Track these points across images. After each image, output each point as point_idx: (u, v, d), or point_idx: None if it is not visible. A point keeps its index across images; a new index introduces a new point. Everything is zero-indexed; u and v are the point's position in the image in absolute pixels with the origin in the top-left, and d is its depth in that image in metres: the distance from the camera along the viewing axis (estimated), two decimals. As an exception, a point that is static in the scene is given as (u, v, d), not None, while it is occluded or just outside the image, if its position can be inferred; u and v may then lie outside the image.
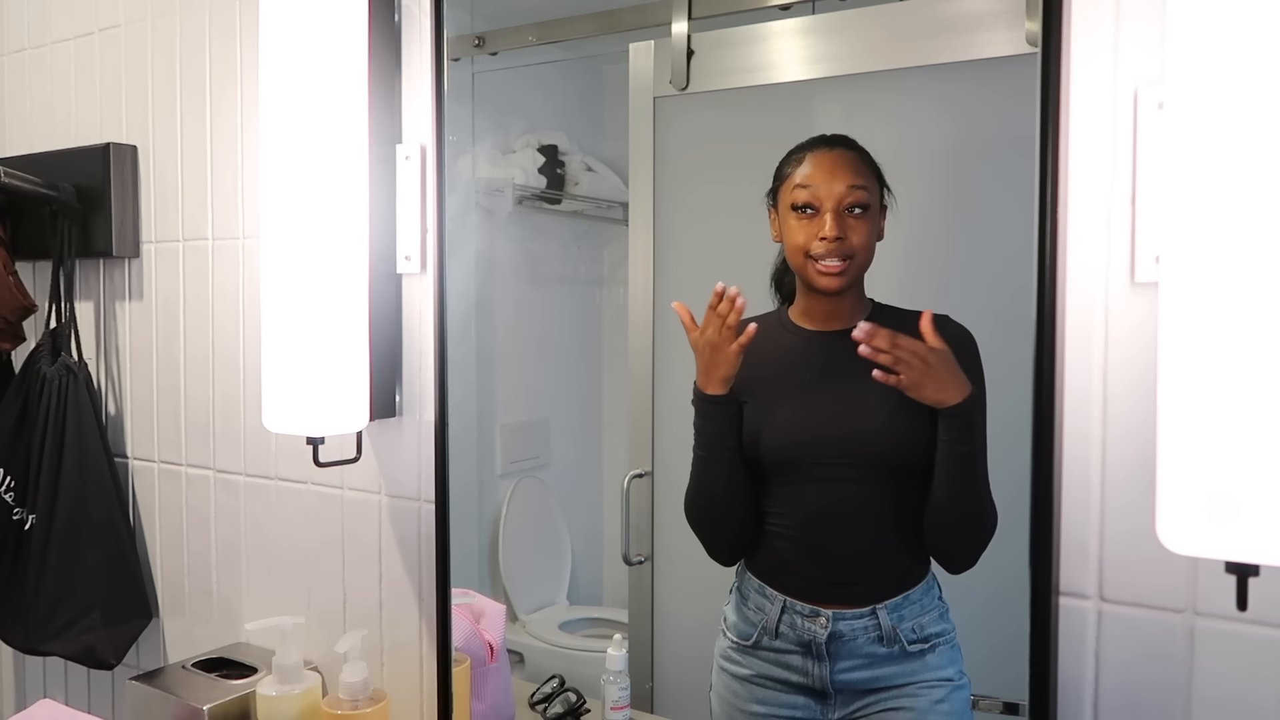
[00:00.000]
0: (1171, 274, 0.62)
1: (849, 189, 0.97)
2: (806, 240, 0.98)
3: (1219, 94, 0.60)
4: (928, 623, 0.97)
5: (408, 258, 1.19)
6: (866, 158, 0.98)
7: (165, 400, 1.49)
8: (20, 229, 1.56)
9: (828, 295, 0.99)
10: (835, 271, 0.97)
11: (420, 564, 1.23)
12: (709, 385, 1.01)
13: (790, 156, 1.01)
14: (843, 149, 0.99)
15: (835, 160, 0.98)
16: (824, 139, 1.00)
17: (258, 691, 1.20)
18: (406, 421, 1.23)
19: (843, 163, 0.98)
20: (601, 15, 1.20)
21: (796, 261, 0.99)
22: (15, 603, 1.47)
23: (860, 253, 0.97)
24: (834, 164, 0.98)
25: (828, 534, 1.00)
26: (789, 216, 0.99)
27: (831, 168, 0.98)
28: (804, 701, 1.01)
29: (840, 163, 0.98)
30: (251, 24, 1.34)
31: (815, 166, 0.98)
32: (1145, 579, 0.82)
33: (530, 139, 1.35)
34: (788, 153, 1.01)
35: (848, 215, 0.97)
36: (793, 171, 1.00)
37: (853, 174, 0.97)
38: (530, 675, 1.27)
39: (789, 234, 1.00)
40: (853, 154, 0.98)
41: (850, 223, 0.97)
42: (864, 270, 0.99)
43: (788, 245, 1.00)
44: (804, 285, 1.01)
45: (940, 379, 0.91)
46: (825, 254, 0.97)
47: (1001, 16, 0.92)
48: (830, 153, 0.99)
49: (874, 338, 0.90)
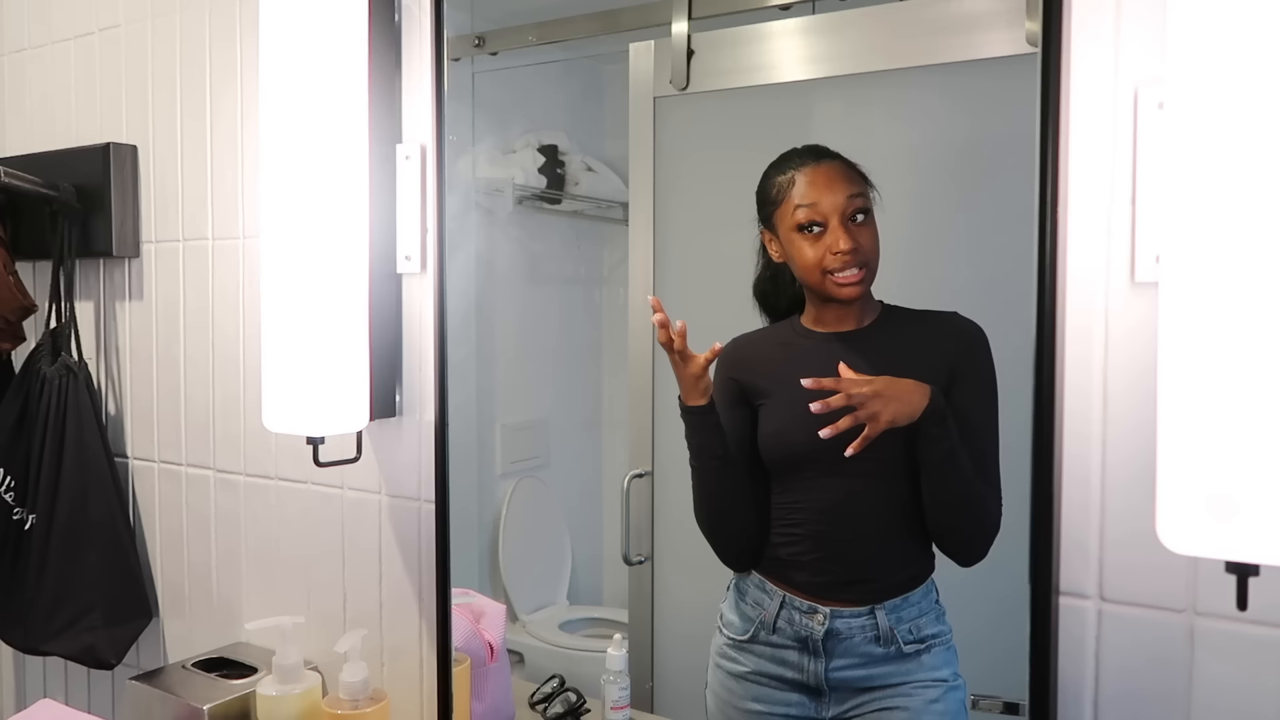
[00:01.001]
0: (1172, 274, 0.62)
1: (849, 198, 0.97)
2: (819, 256, 0.98)
3: (1219, 94, 0.60)
4: (925, 624, 0.97)
5: (408, 257, 1.19)
6: (850, 163, 0.99)
7: (165, 400, 1.49)
8: (20, 229, 1.56)
9: (846, 303, 1.00)
10: (855, 281, 0.98)
11: (420, 564, 1.23)
12: (688, 397, 1.03)
13: (773, 179, 1.01)
14: (830, 160, 0.99)
15: (829, 173, 0.99)
16: (806, 152, 1.00)
17: (258, 691, 1.20)
18: (406, 421, 1.23)
19: (835, 174, 0.99)
20: (601, 15, 1.20)
21: (813, 279, 1.00)
22: (15, 602, 1.47)
23: (873, 258, 0.98)
24: (829, 177, 0.99)
25: (843, 530, 1.00)
26: (795, 237, 1.00)
27: (828, 181, 0.99)
28: (799, 699, 1.01)
29: (834, 174, 0.99)
30: (251, 24, 1.34)
31: (811, 183, 0.99)
32: (1145, 579, 0.82)
33: (530, 139, 1.35)
34: (767, 174, 1.02)
35: (853, 224, 0.97)
36: (788, 193, 1.00)
37: (848, 182, 0.98)
38: (530, 675, 1.27)
39: (799, 254, 1.00)
40: (839, 163, 0.99)
41: (858, 230, 0.97)
42: (875, 273, 1.00)
43: (799, 265, 1.00)
44: (816, 296, 1.01)
45: (896, 403, 0.93)
46: (843, 266, 0.97)
47: (1001, 16, 0.92)
48: (820, 166, 0.99)
49: (823, 387, 0.94)
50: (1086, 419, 0.83)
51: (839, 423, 0.93)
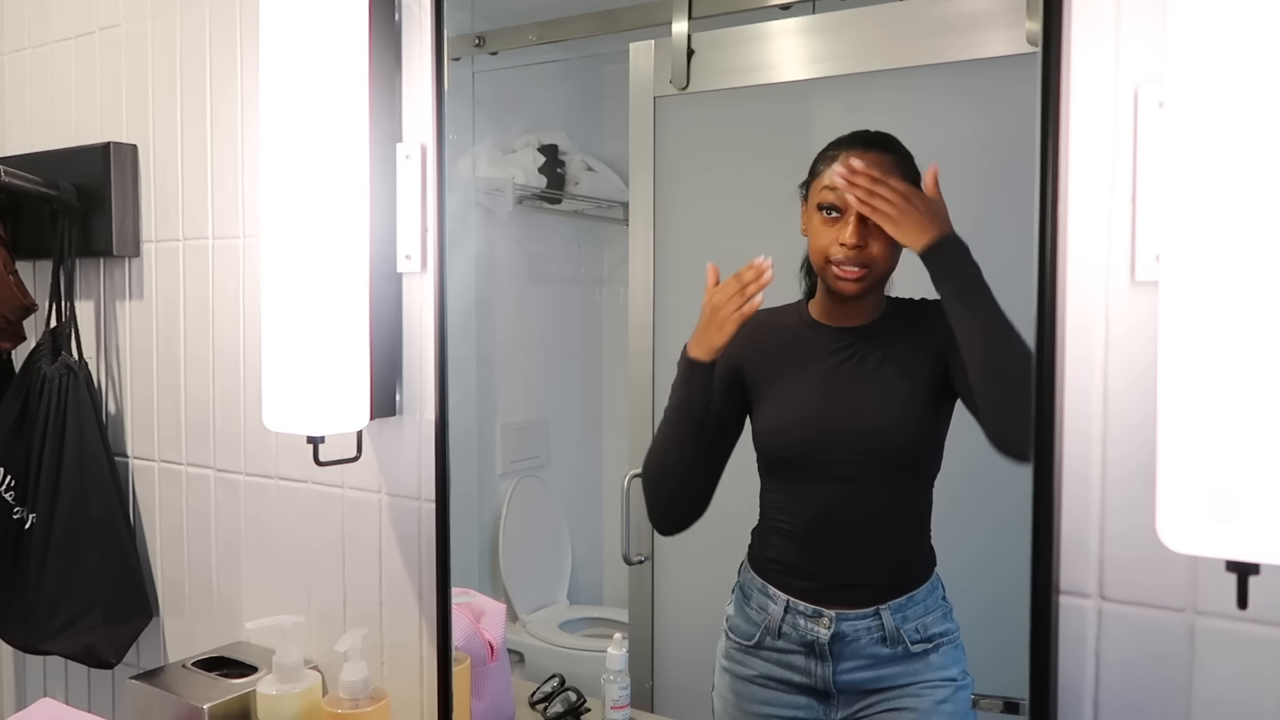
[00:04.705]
0: (1172, 272, 0.62)
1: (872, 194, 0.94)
2: (828, 244, 0.97)
3: (1219, 93, 0.60)
4: (931, 623, 0.97)
5: (408, 257, 1.19)
6: (905, 162, 0.95)
7: (165, 399, 1.49)
8: (20, 228, 1.56)
9: (845, 299, 0.99)
10: (852, 278, 0.96)
11: (420, 563, 1.23)
12: (696, 348, 1.01)
13: (826, 152, 0.98)
14: (879, 151, 0.95)
15: (867, 164, 0.94)
16: (863, 137, 0.97)
17: (258, 690, 1.20)
18: (407, 421, 1.23)
19: (874, 167, 0.94)
20: (601, 15, 1.20)
21: (817, 262, 0.99)
22: (15, 602, 1.47)
23: (879, 263, 0.95)
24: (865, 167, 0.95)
25: (836, 533, 1.00)
26: (815, 216, 0.98)
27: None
28: (806, 702, 1.01)
29: (871, 166, 0.94)
30: (251, 24, 1.34)
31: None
32: (1146, 578, 0.82)
33: (530, 138, 1.35)
34: (826, 145, 0.99)
35: (870, 222, 0.94)
36: (824, 169, 0.97)
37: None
38: (530, 675, 1.27)
39: (813, 234, 0.99)
40: (889, 158, 0.95)
41: (873, 230, 0.94)
42: (883, 278, 0.97)
43: (811, 245, 0.99)
44: (822, 284, 1.01)
45: (920, 219, 0.91)
46: (844, 260, 0.96)
47: (1001, 16, 0.92)
48: (865, 155, 0.95)
49: (855, 178, 0.92)
50: (1087, 418, 0.83)
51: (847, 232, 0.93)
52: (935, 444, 0.96)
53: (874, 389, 0.98)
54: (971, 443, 0.95)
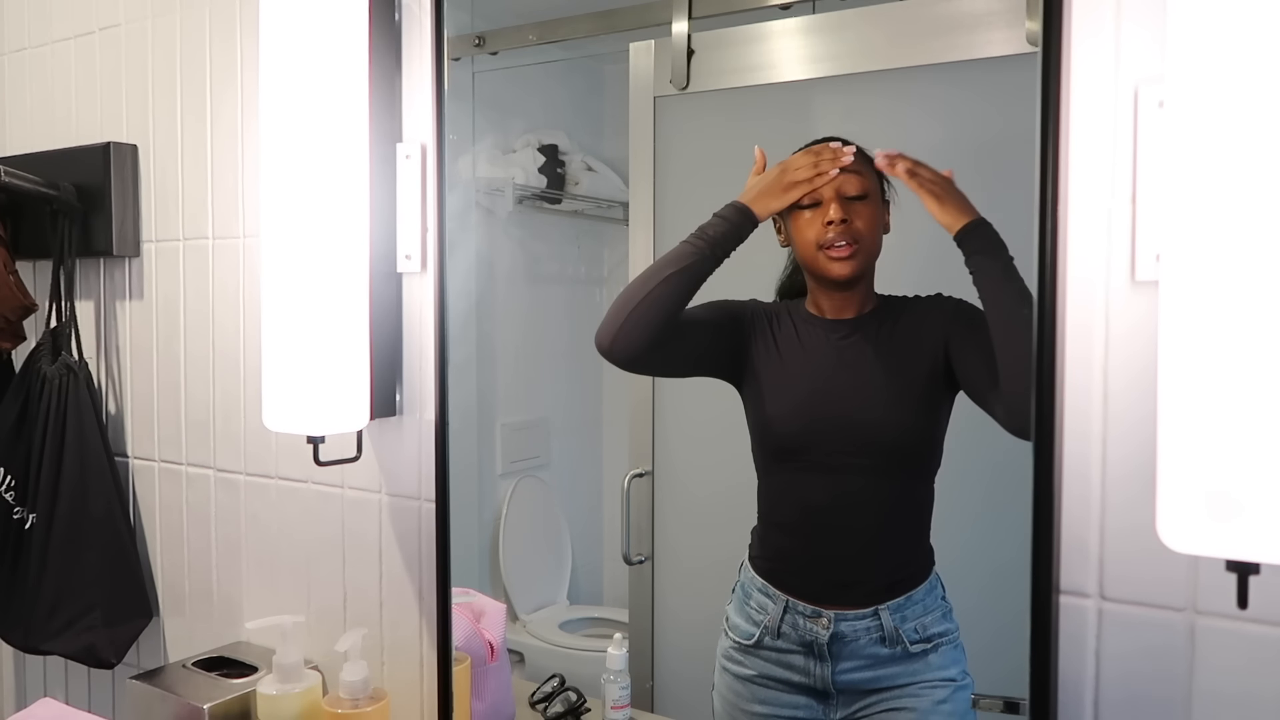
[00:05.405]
0: (1172, 272, 0.62)
1: (845, 176, 0.98)
2: (816, 233, 0.99)
3: (1219, 92, 0.60)
4: (930, 623, 0.97)
5: (408, 257, 1.19)
6: (859, 151, 0.99)
7: (165, 399, 1.49)
8: (20, 228, 1.56)
9: (839, 285, 1.00)
10: (845, 255, 0.98)
11: (421, 563, 1.23)
12: (753, 201, 1.01)
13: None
14: (835, 144, 1.00)
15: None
16: (815, 142, 1.01)
17: (258, 690, 1.20)
18: (407, 420, 1.23)
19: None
20: (601, 15, 1.21)
21: (808, 255, 1.00)
22: (15, 602, 1.47)
23: (866, 238, 0.99)
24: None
25: (832, 528, 1.00)
26: (795, 218, 1.01)
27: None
28: (806, 701, 1.01)
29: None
30: (251, 24, 1.34)
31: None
32: (1146, 577, 0.82)
33: (530, 138, 1.36)
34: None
35: (850, 202, 0.98)
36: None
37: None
38: (530, 674, 1.27)
39: (799, 232, 1.01)
40: (845, 148, 1.00)
41: (854, 208, 0.98)
42: (873, 259, 1.00)
43: (799, 243, 1.01)
44: (816, 280, 1.02)
45: (961, 199, 0.93)
46: (835, 238, 0.98)
47: (1001, 16, 0.92)
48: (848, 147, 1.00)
49: (894, 158, 0.95)
50: (1087, 417, 0.84)
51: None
52: (933, 437, 0.96)
53: (871, 378, 1.00)
54: (971, 441, 0.95)
